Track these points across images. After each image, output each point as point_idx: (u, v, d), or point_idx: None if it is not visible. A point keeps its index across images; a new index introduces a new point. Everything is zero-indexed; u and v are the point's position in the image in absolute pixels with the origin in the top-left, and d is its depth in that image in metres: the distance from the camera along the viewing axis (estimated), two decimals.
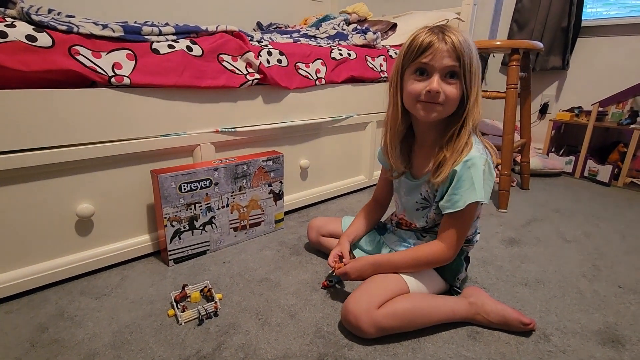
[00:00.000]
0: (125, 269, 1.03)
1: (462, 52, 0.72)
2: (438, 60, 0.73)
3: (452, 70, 0.73)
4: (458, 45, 0.72)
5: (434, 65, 0.73)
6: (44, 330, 0.79)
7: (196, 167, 1.03)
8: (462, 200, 0.76)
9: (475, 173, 0.75)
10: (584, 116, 2.02)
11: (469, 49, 0.73)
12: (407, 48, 0.76)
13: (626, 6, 2.01)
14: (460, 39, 0.72)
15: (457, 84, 0.74)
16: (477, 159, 0.75)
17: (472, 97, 0.75)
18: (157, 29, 0.99)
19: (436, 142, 0.81)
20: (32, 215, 0.89)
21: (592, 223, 1.39)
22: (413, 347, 0.76)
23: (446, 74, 0.74)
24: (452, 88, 0.74)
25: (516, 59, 1.42)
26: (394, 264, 0.84)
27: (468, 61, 0.73)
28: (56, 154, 0.87)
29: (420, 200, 0.87)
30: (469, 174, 0.75)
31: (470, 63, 0.73)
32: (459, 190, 0.76)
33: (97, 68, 0.88)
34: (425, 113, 0.77)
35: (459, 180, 0.76)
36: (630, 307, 0.90)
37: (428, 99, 0.75)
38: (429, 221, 0.88)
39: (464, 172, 0.75)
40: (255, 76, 1.16)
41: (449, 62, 0.73)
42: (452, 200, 0.77)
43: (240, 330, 0.80)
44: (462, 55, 0.72)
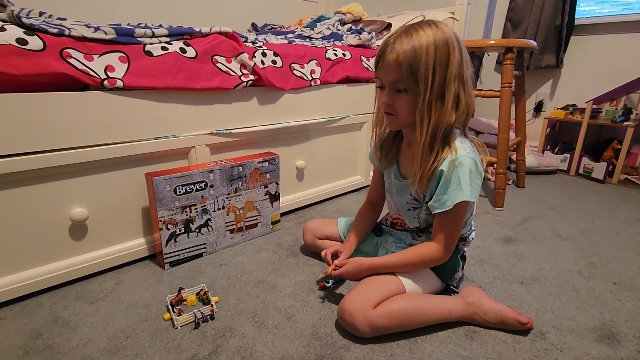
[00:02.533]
0: (120, 273, 1.02)
1: (400, 64, 0.70)
2: (386, 75, 0.75)
3: (396, 85, 0.74)
4: (400, 56, 0.70)
5: (383, 79, 0.76)
6: (38, 337, 0.78)
7: (191, 170, 1.03)
8: (450, 200, 0.75)
9: (462, 172, 0.74)
10: (578, 114, 2.03)
11: (416, 56, 0.70)
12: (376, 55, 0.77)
13: (619, 4, 2.03)
14: (406, 48, 0.70)
15: (406, 96, 0.74)
16: (463, 158, 0.74)
17: (432, 102, 0.72)
18: (150, 31, 0.98)
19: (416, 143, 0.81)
20: (25, 220, 0.88)
21: (588, 220, 1.40)
22: (410, 347, 0.76)
23: (393, 88, 0.75)
24: (402, 100, 0.75)
25: (510, 58, 1.42)
26: (390, 265, 0.84)
27: (408, 72, 0.70)
28: (49, 158, 0.86)
29: (410, 200, 0.87)
30: (456, 174, 0.74)
31: (415, 71, 0.70)
32: (446, 190, 0.76)
33: (90, 71, 0.87)
34: (387, 123, 0.82)
35: (446, 181, 0.75)
36: (626, 304, 0.90)
37: (384, 110, 0.79)
38: (421, 222, 0.88)
39: (451, 171, 0.75)
40: (249, 77, 1.16)
41: (391, 76, 0.74)
42: (440, 200, 0.77)
43: (237, 333, 0.80)
44: (400, 68, 0.71)
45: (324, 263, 1.07)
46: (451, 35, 0.71)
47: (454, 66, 0.71)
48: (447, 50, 0.70)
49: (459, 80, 0.73)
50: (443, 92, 0.72)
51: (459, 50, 0.72)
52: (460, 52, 0.72)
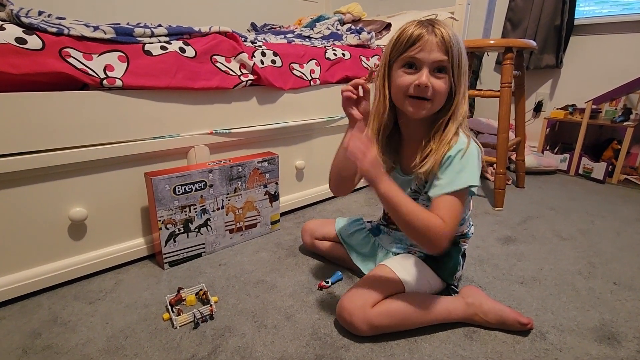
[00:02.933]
0: (119, 272, 1.02)
1: (450, 45, 0.71)
2: (427, 54, 0.71)
3: (441, 64, 0.72)
4: (447, 38, 0.71)
5: (423, 59, 0.72)
6: (37, 336, 0.78)
7: (190, 169, 1.03)
8: (462, 181, 0.73)
9: (469, 158, 0.74)
10: (578, 114, 2.03)
11: (457, 43, 0.72)
12: (396, 40, 0.75)
13: (618, 4, 2.03)
14: (449, 32, 0.71)
15: (446, 78, 0.73)
16: (472, 146, 0.75)
17: (460, 91, 0.75)
18: (149, 30, 0.98)
19: (424, 136, 0.80)
20: (24, 219, 0.88)
21: (587, 220, 1.40)
22: (410, 347, 0.76)
23: (435, 68, 0.73)
24: (441, 82, 0.73)
25: (510, 58, 1.42)
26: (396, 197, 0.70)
27: (457, 55, 0.72)
28: (48, 157, 0.86)
29: (410, 193, 0.86)
30: (462, 160, 0.74)
31: (459, 57, 0.73)
32: (447, 174, 0.74)
33: (89, 70, 0.87)
34: (414, 109, 0.75)
35: (450, 165, 0.75)
36: (626, 304, 0.90)
37: (417, 93, 0.73)
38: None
39: (457, 157, 0.74)
40: (249, 77, 1.16)
41: (438, 55, 0.71)
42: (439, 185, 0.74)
43: (236, 333, 0.79)
44: (450, 49, 0.71)
45: (324, 263, 1.08)
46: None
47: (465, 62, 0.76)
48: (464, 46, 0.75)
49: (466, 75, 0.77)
50: (466, 82, 0.77)
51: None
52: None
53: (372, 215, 1.41)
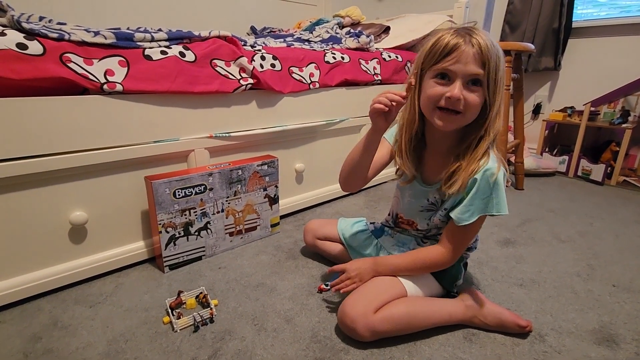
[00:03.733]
0: (119, 276, 1.02)
1: (488, 58, 0.67)
2: (462, 66, 0.68)
3: (476, 77, 0.68)
4: (485, 50, 0.67)
5: (457, 71, 0.68)
6: (37, 340, 0.78)
7: (190, 173, 1.03)
8: (477, 212, 0.74)
9: (494, 184, 0.73)
10: (577, 116, 2.04)
11: (496, 55, 0.68)
12: (430, 49, 0.71)
13: (616, 7, 2.04)
14: (488, 43, 0.67)
15: (480, 92, 0.70)
16: (496, 170, 0.72)
17: (495, 106, 0.71)
18: (149, 35, 0.98)
19: (451, 150, 0.78)
20: (24, 223, 0.88)
21: (586, 222, 1.40)
22: (409, 350, 0.76)
23: (469, 80, 0.69)
24: (475, 96, 0.69)
25: (508, 61, 1.43)
26: (394, 265, 0.83)
27: (494, 68, 0.68)
28: (49, 161, 0.86)
29: (426, 204, 0.86)
30: (488, 185, 0.73)
31: (496, 70, 0.69)
32: (476, 202, 0.74)
33: (89, 75, 0.88)
34: (442, 123, 0.72)
35: (478, 191, 0.73)
36: (625, 306, 0.90)
37: (447, 105, 0.70)
38: (431, 225, 0.87)
39: (483, 182, 0.73)
40: (248, 81, 1.17)
41: (473, 68, 0.68)
42: (468, 211, 0.75)
43: (236, 336, 0.80)
44: (488, 62, 0.67)
45: (324, 266, 1.08)
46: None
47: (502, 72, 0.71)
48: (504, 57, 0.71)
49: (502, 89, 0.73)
50: (502, 101, 0.72)
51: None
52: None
53: (371, 217, 1.41)
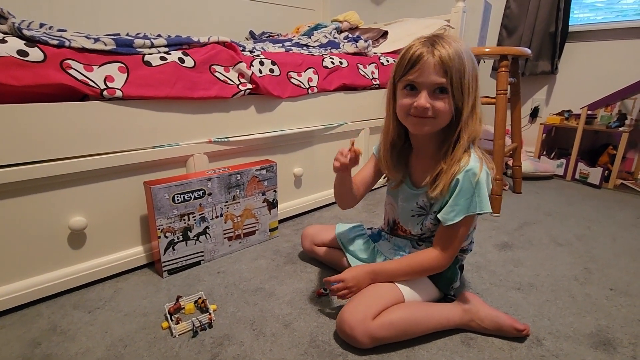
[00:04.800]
0: (118, 281, 1.03)
1: (450, 67, 0.70)
2: (425, 77, 0.73)
3: (440, 86, 0.73)
4: (447, 59, 0.70)
5: (421, 82, 0.73)
6: (36, 346, 0.78)
7: (189, 178, 1.04)
8: (462, 212, 0.76)
9: (476, 184, 0.75)
10: (574, 119, 2.05)
11: (460, 62, 0.71)
12: (399, 61, 0.76)
13: (612, 11, 2.06)
14: (450, 52, 0.70)
15: (447, 99, 0.73)
16: (477, 170, 0.75)
17: (465, 111, 0.74)
18: (149, 41, 0.99)
19: (434, 153, 0.81)
20: (24, 229, 0.88)
21: (584, 226, 1.41)
22: (407, 354, 0.76)
23: (435, 89, 0.73)
24: (442, 102, 0.73)
25: (505, 65, 1.44)
26: (390, 271, 0.85)
27: (457, 76, 0.71)
28: (48, 167, 0.87)
29: (415, 208, 0.88)
30: (470, 185, 0.75)
31: (461, 77, 0.72)
32: (459, 201, 0.76)
33: (89, 81, 0.89)
34: (415, 127, 0.78)
35: (460, 191, 0.76)
36: (622, 310, 0.91)
37: (416, 114, 0.75)
38: (424, 229, 0.88)
39: (465, 182, 0.75)
40: (247, 86, 1.17)
41: (435, 78, 0.72)
42: (453, 211, 0.77)
43: (235, 341, 0.80)
44: (450, 71, 0.71)
45: (322, 270, 1.08)
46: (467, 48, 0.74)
47: (470, 75, 0.74)
48: (475, 65, 0.74)
49: (475, 90, 0.75)
50: (475, 103, 0.75)
51: (473, 61, 0.75)
52: (475, 64, 0.75)
53: (369, 221, 1.42)
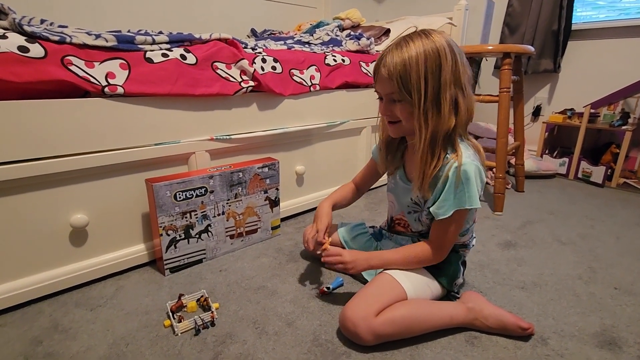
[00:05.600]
0: (120, 279, 1.02)
1: (396, 75, 0.73)
2: (380, 87, 0.79)
3: (391, 96, 0.77)
4: (391, 70, 0.73)
5: (380, 92, 0.80)
6: (38, 344, 0.78)
7: (191, 175, 1.03)
8: (452, 207, 0.77)
9: (465, 179, 0.75)
10: (577, 118, 2.04)
11: (404, 68, 0.72)
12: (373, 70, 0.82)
13: (615, 9, 2.04)
14: (395, 61, 0.73)
15: (402, 105, 0.76)
16: (468, 165, 0.75)
17: (428, 112, 0.74)
18: (150, 38, 0.99)
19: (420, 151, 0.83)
20: (25, 226, 0.88)
21: (587, 224, 1.40)
22: (411, 353, 0.76)
23: (391, 97, 0.78)
24: (399, 108, 0.77)
25: (508, 63, 1.43)
26: (386, 259, 0.86)
27: (406, 81, 0.73)
28: (49, 164, 0.86)
29: (410, 204, 0.89)
30: (459, 181, 0.75)
31: (406, 82, 0.73)
32: (449, 196, 0.77)
33: (90, 78, 0.88)
34: (391, 130, 0.84)
35: (450, 187, 0.76)
36: (627, 309, 0.90)
37: (388, 120, 0.82)
38: (423, 225, 0.88)
39: (454, 178, 0.75)
40: (249, 83, 1.17)
41: (385, 88, 0.77)
42: (443, 206, 0.78)
43: (238, 339, 0.79)
44: (396, 78, 0.73)
45: (325, 269, 1.08)
46: (442, 43, 0.72)
47: (447, 73, 0.72)
48: (438, 58, 0.72)
49: (455, 86, 0.74)
50: (438, 99, 0.73)
51: (452, 56, 0.73)
52: (453, 58, 0.73)
53: (371, 219, 1.42)
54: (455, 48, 0.74)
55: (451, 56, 0.73)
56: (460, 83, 0.74)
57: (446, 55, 0.72)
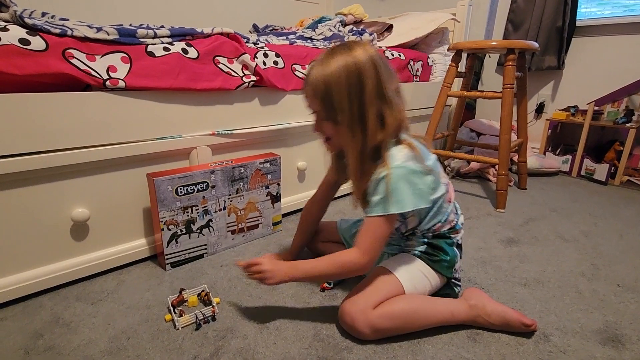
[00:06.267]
0: (121, 273, 1.02)
1: (319, 95, 0.72)
2: (309, 105, 0.77)
3: (319, 113, 0.76)
4: (315, 88, 0.72)
5: (310, 108, 0.78)
6: (39, 337, 0.78)
7: (193, 170, 1.03)
8: (378, 211, 0.74)
9: (393, 187, 0.72)
10: (580, 115, 2.03)
11: (328, 87, 0.70)
12: None
13: (620, 6, 2.03)
14: (319, 79, 0.71)
15: (328, 123, 0.75)
16: (395, 171, 0.72)
17: (355, 130, 0.72)
18: (152, 32, 0.98)
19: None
20: (26, 220, 0.88)
21: (590, 222, 1.39)
22: (413, 349, 0.76)
23: (318, 116, 0.77)
24: (326, 125, 0.76)
25: (512, 59, 1.42)
26: (309, 268, 0.80)
27: (327, 97, 0.71)
28: (50, 158, 0.86)
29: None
30: (387, 188, 0.73)
31: (331, 102, 0.71)
32: (377, 202, 0.74)
33: (92, 71, 0.87)
34: (326, 146, 0.85)
35: (378, 193, 0.74)
36: (630, 306, 0.90)
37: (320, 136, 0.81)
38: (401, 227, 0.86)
39: (382, 186, 0.73)
40: (251, 78, 1.16)
41: (313, 106, 0.76)
42: (371, 211, 0.76)
43: (239, 334, 0.79)
44: (319, 95, 0.72)
45: None
46: (363, 58, 0.70)
47: (370, 89, 0.70)
48: (358, 74, 0.70)
49: (380, 100, 0.71)
50: (363, 116, 0.71)
51: (374, 71, 0.70)
52: (376, 72, 0.71)
53: None
54: (379, 60, 0.72)
55: (373, 71, 0.70)
56: (385, 96, 0.72)
57: (366, 70, 0.70)
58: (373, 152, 0.75)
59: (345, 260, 0.77)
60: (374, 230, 0.76)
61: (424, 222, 0.83)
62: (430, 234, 0.85)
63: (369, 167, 0.76)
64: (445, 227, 0.86)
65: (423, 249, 0.86)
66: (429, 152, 0.82)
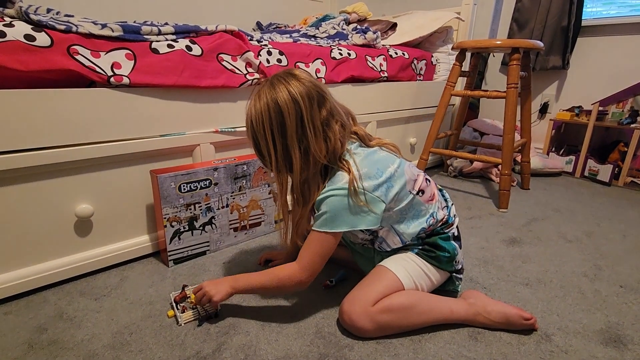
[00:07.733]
0: (124, 269, 1.03)
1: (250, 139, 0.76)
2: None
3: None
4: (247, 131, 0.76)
5: None
6: (42, 332, 0.79)
7: (196, 167, 1.03)
8: (317, 226, 0.77)
9: (330, 204, 0.74)
10: (584, 116, 2.02)
11: (255, 131, 0.74)
12: None
13: (626, 5, 2.01)
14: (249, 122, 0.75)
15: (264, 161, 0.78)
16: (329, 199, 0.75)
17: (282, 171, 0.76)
18: (156, 29, 0.98)
19: None
20: (31, 216, 0.88)
21: (593, 222, 1.39)
22: (414, 347, 0.76)
23: None
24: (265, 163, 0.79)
25: (517, 59, 1.42)
26: (250, 282, 0.81)
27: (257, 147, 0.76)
28: (55, 154, 0.87)
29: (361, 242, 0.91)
30: (324, 206, 0.75)
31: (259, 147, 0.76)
32: (317, 214, 0.77)
33: (96, 68, 0.88)
34: None
35: (319, 211, 0.77)
36: (632, 307, 0.89)
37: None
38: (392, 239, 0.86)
39: (323, 204, 0.76)
40: (255, 76, 1.16)
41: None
42: (314, 224, 0.78)
43: (241, 330, 0.80)
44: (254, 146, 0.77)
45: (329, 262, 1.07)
46: (283, 96, 0.71)
47: (292, 130, 0.71)
48: (280, 113, 0.71)
49: (305, 138, 0.73)
50: (289, 156, 0.74)
51: (296, 110, 0.71)
52: (298, 111, 0.71)
53: None
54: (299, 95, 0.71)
55: (294, 110, 0.71)
56: (313, 131, 0.73)
57: (288, 109, 0.70)
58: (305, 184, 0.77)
59: (284, 275, 0.78)
60: (315, 245, 0.78)
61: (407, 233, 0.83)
62: (424, 235, 0.85)
63: (302, 202, 0.79)
64: (437, 226, 0.85)
65: (420, 248, 0.86)
66: (395, 157, 0.82)
